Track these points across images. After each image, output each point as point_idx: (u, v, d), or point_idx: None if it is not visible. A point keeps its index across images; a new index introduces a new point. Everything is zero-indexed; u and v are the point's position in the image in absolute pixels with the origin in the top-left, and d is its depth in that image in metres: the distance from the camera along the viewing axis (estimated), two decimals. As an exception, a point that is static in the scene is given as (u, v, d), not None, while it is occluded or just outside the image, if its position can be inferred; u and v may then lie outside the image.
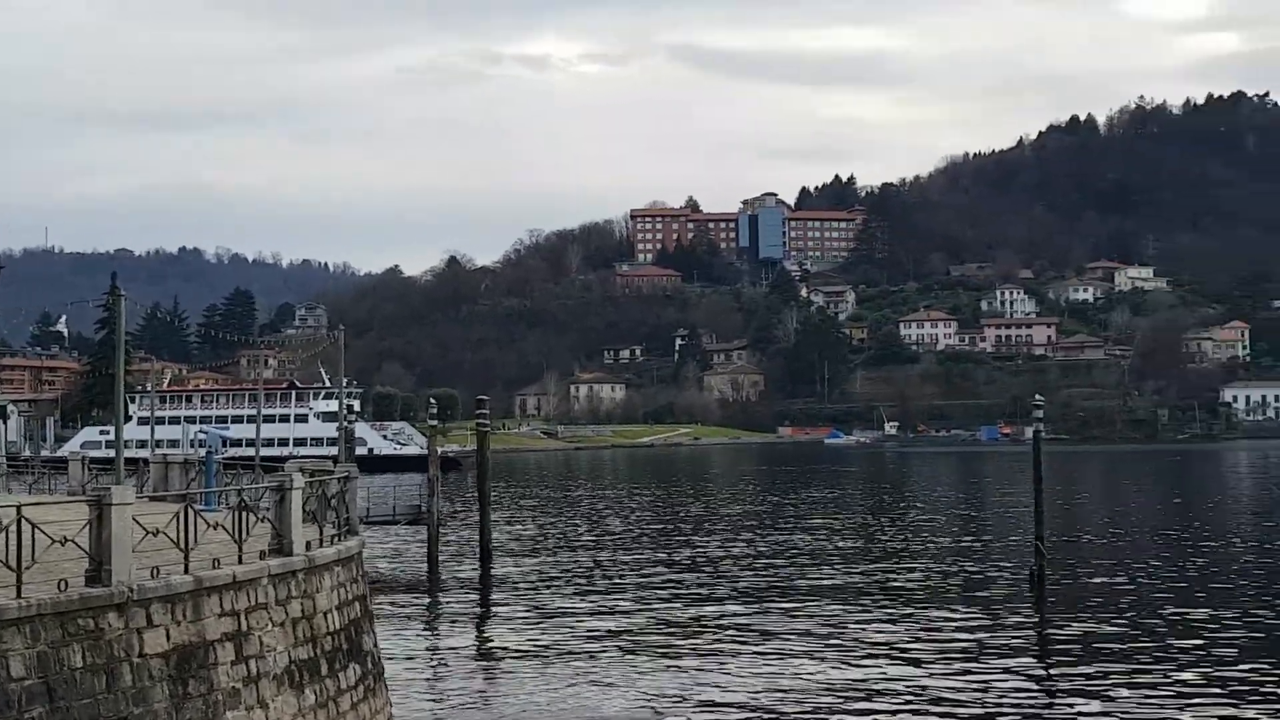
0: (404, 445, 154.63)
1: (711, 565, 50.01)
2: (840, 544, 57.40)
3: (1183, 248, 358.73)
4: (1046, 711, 25.66)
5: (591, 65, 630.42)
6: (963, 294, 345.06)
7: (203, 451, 36.53)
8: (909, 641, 32.68)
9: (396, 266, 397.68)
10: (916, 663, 29.98)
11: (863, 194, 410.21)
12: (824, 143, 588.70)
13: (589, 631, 34.96)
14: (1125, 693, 26.63)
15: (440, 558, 49.28)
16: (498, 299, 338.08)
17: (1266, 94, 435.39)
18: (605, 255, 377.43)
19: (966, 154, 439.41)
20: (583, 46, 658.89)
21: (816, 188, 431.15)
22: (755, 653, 31.50)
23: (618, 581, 45.65)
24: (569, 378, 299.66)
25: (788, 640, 33.11)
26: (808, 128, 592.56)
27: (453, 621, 37.83)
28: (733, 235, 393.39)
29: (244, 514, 19.82)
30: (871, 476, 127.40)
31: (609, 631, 34.99)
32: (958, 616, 36.23)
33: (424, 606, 40.80)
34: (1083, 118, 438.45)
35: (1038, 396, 50.94)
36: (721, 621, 36.30)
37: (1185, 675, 28.31)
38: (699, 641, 33.40)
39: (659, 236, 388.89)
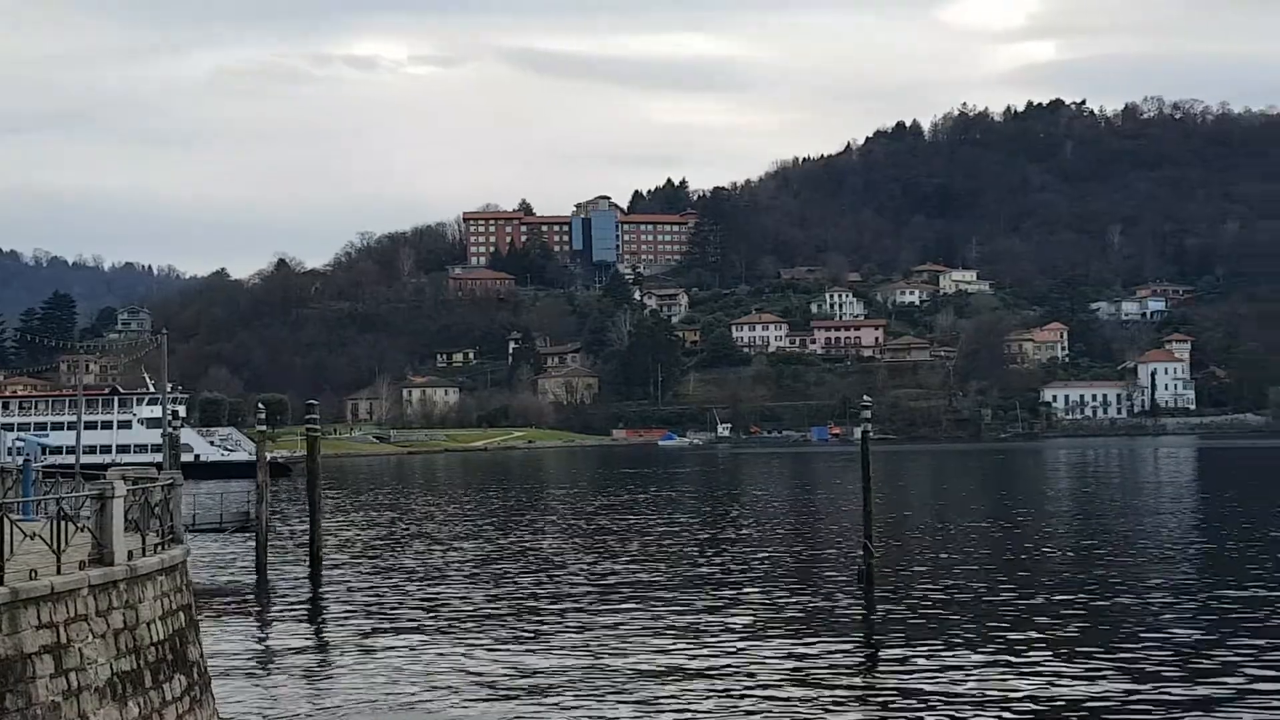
0: (231, 451, 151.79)
1: (545, 564, 50.00)
2: (670, 545, 57.72)
3: (1004, 251, 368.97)
4: (875, 712, 26.10)
5: (422, 67, 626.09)
6: (793, 297, 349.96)
7: (20, 459, 35.45)
8: (737, 641, 32.96)
9: (223, 269, 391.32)
10: (744, 670, 30.23)
11: (695, 198, 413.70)
12: (657, 147, 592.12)
13: (420, 635, 34.68)
14: (956, 696, 27.21)
15: (269, 565, 48.50)
16: (328, 302, 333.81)
17: (1083, 102, 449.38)
18: (438, 258, 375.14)
19: (796, 159, 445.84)
20: (412, 48, 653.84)
21: (649, 191, 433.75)
22: (582, 649, 31.54)
23: (449, 584, 45.38)
24: (402, 381, 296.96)
25: (612, 636, 33.20)
26: (641, 132, 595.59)
27: (282, 629, 37.24)
28: (566, 238, 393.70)
29: (63, 523, 19.25)
30: (704, 477, 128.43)
31: (440, 631, 34.76)
32: (786, 617, 36.65)
33: (253, 614, 40.11)
34: (908, 124, 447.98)
35: (866, 397, 51.88)
36: (552, 617, 36.27)
37: (1012, 670, 29.02)
38: (530, 637, 33.35)
39: (492, 239, 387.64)
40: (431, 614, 38.18)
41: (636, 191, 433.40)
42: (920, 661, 29.81)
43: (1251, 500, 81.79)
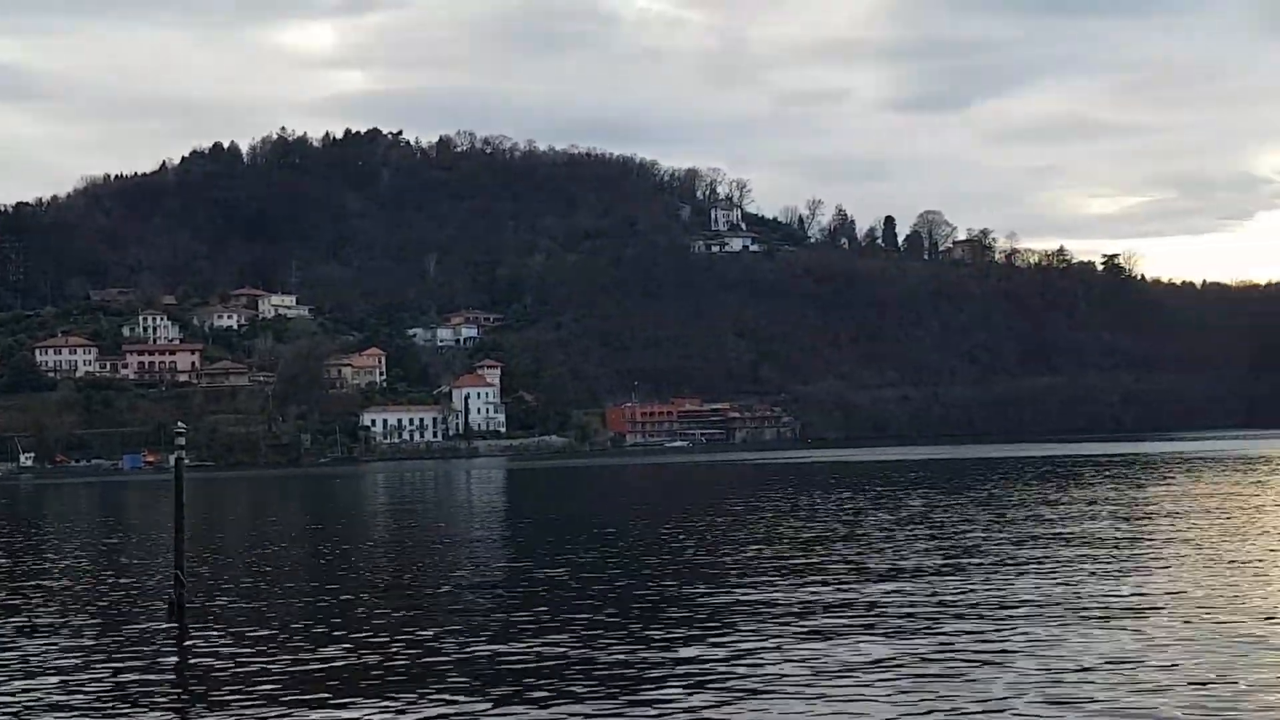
0: None
1: None
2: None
3: (324, 277, 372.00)
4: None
5: None
6: (104, 319, 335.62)
7: None
8: (26, 688, 30.29)
9: None
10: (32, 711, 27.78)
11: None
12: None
13: None
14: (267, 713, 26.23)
15: None
16: None
17: (400, 132, 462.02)
18: None
19: (108, 175, 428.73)
20: None
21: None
22: None
23: None
24: None
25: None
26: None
27: None
28: None
29: None
30: (2, 511, 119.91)
31: None
32: (89, 660, 34.07)
33: None
34: (226, 145, 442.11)
35: (180, 424, 49.73)
36: None
37: (329, 692, 28.38)
38: None
39: None
40: None
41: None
42: (231, 687, 28.56)
43: (550, 515, 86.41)
